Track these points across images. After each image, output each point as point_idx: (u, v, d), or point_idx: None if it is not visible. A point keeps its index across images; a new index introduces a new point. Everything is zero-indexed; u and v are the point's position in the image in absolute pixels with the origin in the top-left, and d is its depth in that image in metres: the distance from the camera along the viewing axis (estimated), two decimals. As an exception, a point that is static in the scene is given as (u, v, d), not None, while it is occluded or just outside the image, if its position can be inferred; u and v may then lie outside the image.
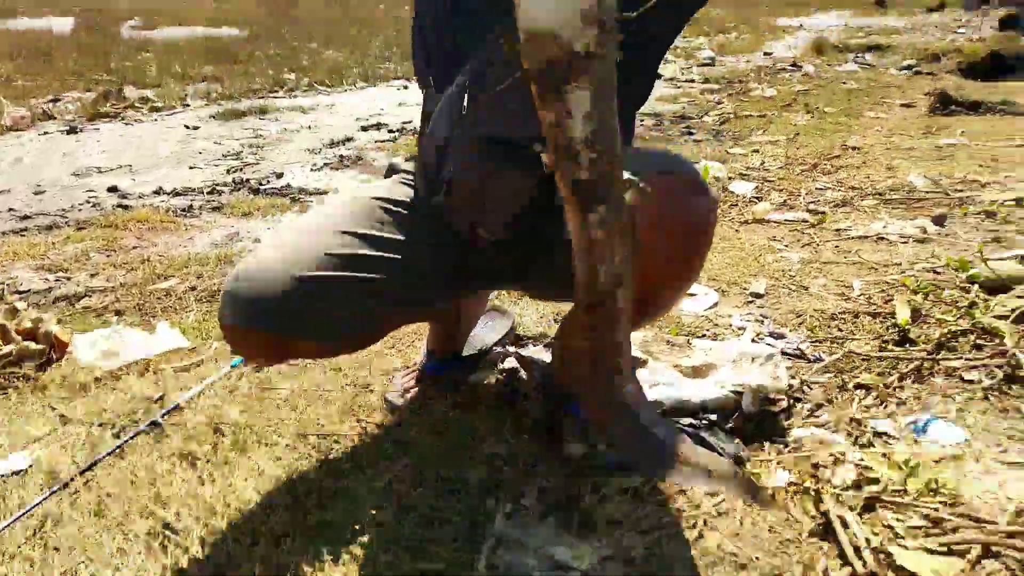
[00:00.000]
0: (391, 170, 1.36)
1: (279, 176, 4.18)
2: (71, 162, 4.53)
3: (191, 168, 4.37)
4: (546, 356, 1.68)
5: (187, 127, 5.56)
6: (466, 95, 1.14)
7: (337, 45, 10.99)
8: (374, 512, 1.13)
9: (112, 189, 3.89)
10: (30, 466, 1.32)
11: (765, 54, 11.47)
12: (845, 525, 1.03)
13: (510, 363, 1.64)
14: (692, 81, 7.75)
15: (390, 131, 5.55)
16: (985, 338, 1.62)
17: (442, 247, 1.22)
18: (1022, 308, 1.71)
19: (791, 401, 1.42)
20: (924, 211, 2.78)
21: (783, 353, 1.62)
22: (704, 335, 1.78)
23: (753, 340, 1.68)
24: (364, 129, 5.58)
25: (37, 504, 1.19)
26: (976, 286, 1.91)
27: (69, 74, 7.91)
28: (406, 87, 7.53)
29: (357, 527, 1.10)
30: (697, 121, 5.54)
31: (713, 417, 1.32)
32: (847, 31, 16.51)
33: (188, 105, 6.49)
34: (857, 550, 0.98)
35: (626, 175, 0.80)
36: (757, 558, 1.01)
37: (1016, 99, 6.28)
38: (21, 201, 3.72)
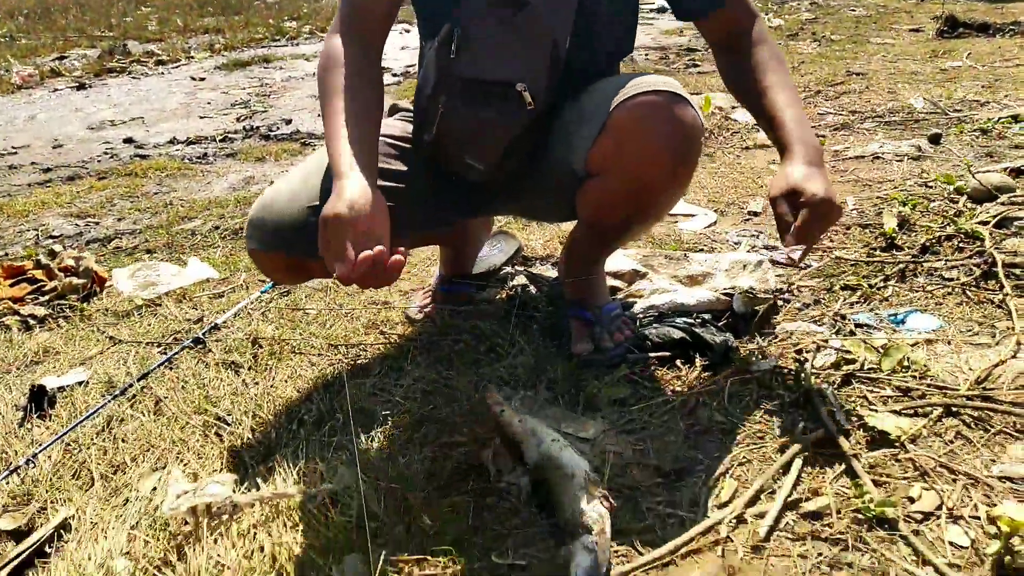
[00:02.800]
0: (394, 109, 1.47)
1: (288, 123, 4.26)
2: (84, 117, 4.62)
3: (201, 118, 4.46)
4: (553, 273, 1.79)
5: (193, 79, 5.62)
6: (453, 42, 1.23)
7: (336, -8, 10.87)
8: (403, 400, 1.27)
9: (128, 140, 3.99)
10: (89, 378, 1.47)
11: (773, -19, 11.20)
12: (822, 396, 1.15)
13: (520, 280, 1.76)
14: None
15: (393, 75, 5.58)
16: (967, 242, 1.72)
17: (439, 178, 1.33)
18: (1004, 213, 1.80)
19: (780, 301, 1.53)
20: (921, 131, 2.84)
21: (774, 262, 1.72)
22: (701, 250, 1.89)
23: (748, 252, 1.78)
24: (369, 76, 5.62)
25: (102, 407, 1.34)
26: (964, 197, 2.00)
27: (71, 31, 7.91)
28: (407, 31, 7.48)
29: (388, 411, 1.24)
30: (703, 53, 5.53)
31: (707, 316, 1.44)
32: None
33: (192, 57, 6.53)
34: (832, 415, 1.10)
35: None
36: (742, 425, 1.14)
37: (1026, 20, 6.20)
38: (41, 155, 3.83)
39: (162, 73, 5.90)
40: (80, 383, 1.45)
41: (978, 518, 0.92)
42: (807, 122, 1.18)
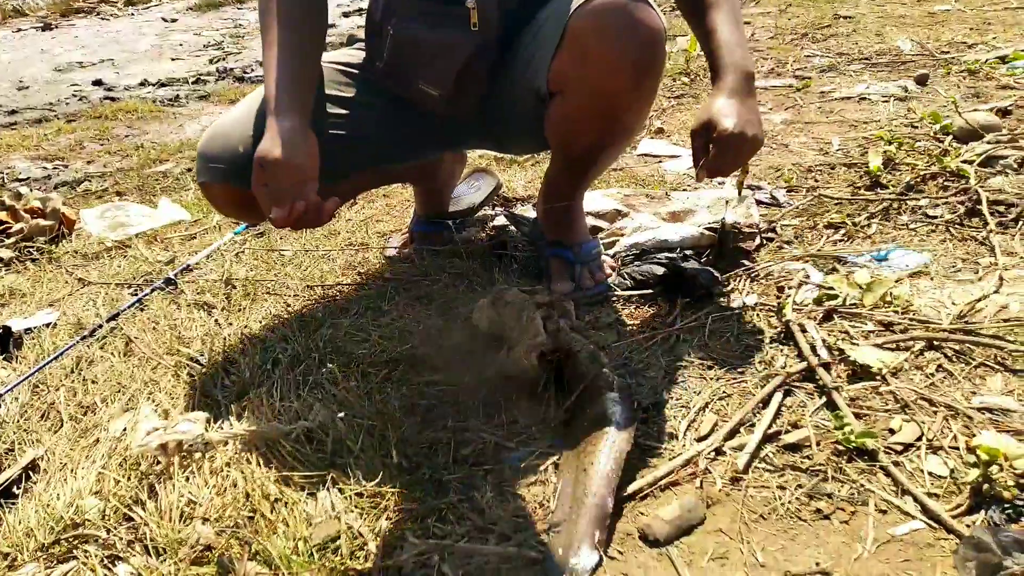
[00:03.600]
0: (351, 40, 1.41)
1: (262, 64, 4.13)
2: (50, 58, 4.45)
3: (173, 60, 4.32)
4: (534, 214, 1.76)
5: (165, 20, 5.43)
6: None
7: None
8: (380, 340, 1.24)
9: (97, 83, 3.86)
10: (57, 320, 1.43)
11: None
12: (804, 331, 1.14)
13: (500, 221, 1.72)
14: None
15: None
16: (952, 180, 1.70)
17: (400, 110, 1.29)
18: (989, 152, 1.78)
19: (763, 240, 1.51)
20: (908, 73, 2.80)
21: (758, 202, 1.70)
22: (684, 190, 1.86)
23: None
24: (346, 15, 5.46)
25: (70, 347, 1.30)
26: (950, 137, 1.97)
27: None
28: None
29: (365, 351, 1.21)
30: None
31: (689, 253, 1.42)
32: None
33: (163, -3, 6.30)
34: (813, 348, 1.09)
35: None
36: (723, 360, 1.13)
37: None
38: (5, 96, 3.70)
39: (132, 14, 5.69)
40: (48, 325, 1.41)
41: (957, 448, 0.92)
42: (742, 43, 1.13)
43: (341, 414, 1.02)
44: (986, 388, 1.01)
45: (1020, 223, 1.45)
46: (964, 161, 1.75)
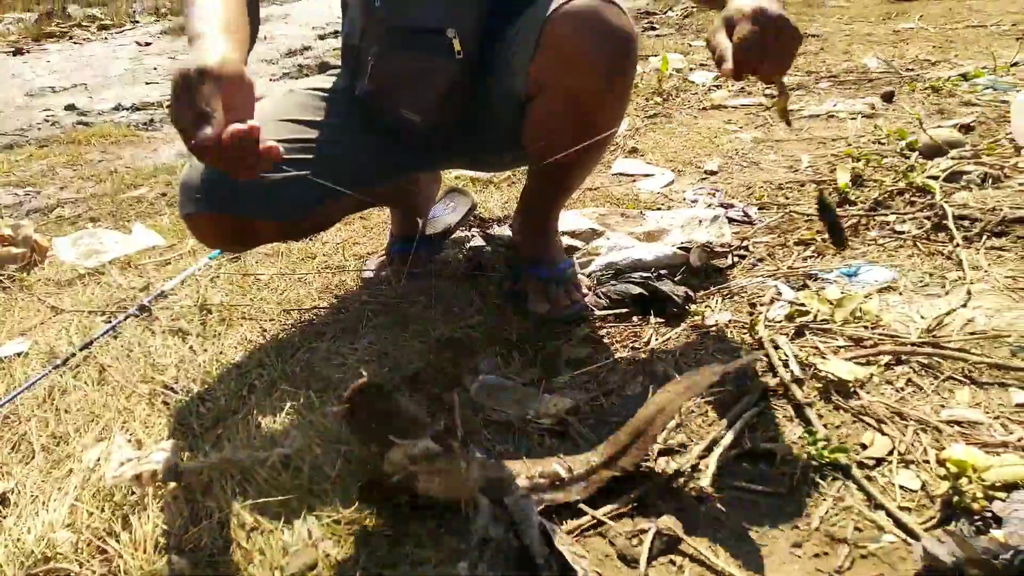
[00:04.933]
0: (324, 67, 1.43)
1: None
2: (23, 83, 4.42)
3: (147, 84, 4.30)
4: (509, 234, 1.77)
5: (139, 44, 5.41)
6: None
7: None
8: (357, 364, 1.24)
9: (70, 107, 3.83)
10: (29, 349, 1.41)
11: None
12: (776, 347, 1.16)
13: (476, 242, 1.73)
14: (655, -23, 7.59)
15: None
16: (918, 195, 1.74)
17: (379, 131, 1.30)
18: (954, 167, 1.83)
19: (735, 257, 1.53)
20: (874, 90, 2.86)
21: (730, 219, 1.72)
22: (659, 209, 1.88)
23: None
24: (322, 38, 5.48)
25: (42, 376, 1.29)
26: (916, 153, 2.02)
27: (6, -6, 7.54)
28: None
29: (342, 375, 1.21)
30: (661, 16, 5.50)
31: (664, 272, 1.43)
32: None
33: (137, 22, 6.28)
34: (786, 364, 1.11)
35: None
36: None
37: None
38: (-24, 123, 3.66)
39: (105, 39, 5.66)
40: (19, 354, 1.39)
41: (928, 461, 0.93)
42: None
43: (317, 440, 1.02)
44: (954, 401, 1.03)
45: (984, 237, 1.49)
46: (929, 177, 1.79)
